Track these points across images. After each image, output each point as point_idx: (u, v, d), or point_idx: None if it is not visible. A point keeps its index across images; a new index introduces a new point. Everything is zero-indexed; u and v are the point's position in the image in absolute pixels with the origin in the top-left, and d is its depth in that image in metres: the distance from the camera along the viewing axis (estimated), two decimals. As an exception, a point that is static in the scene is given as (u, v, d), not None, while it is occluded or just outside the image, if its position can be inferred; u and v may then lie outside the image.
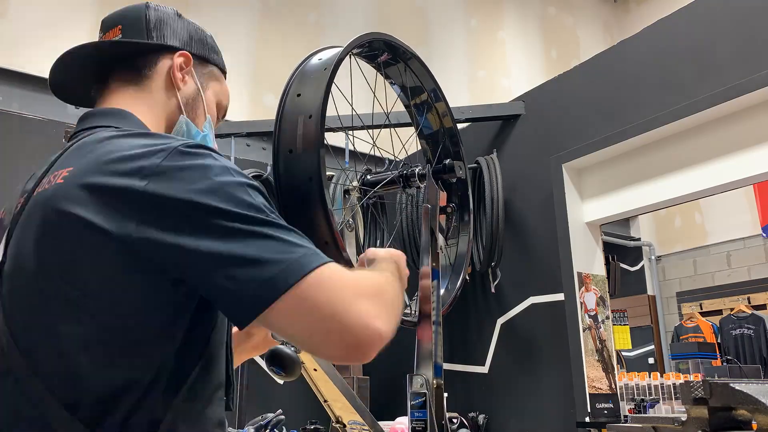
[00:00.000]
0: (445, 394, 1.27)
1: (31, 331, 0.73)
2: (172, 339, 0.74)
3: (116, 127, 0.85)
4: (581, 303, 2.79)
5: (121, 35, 0.95)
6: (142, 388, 0.71)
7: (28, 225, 0.77)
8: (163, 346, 0.73)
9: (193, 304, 0.75)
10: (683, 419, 1.37)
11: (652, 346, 5.68)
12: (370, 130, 1.57)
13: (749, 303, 5.46)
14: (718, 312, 5.65)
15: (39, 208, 0.76)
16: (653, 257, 6.26)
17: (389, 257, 1.02)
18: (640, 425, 1.62)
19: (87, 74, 0.97)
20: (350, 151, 3.28)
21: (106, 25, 0.98)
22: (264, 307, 0.67)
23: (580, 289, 2.81)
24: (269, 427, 2.76)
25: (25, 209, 0.79)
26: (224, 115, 1.08)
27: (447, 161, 1.43)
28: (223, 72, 1.06)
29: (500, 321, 3.15)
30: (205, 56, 1.02)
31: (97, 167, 0.74)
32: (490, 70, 5.81)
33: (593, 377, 2.70)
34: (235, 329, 0.91)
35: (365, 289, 0.74)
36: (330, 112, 1.29)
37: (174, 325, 0.74)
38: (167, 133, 0.94)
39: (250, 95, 4.39)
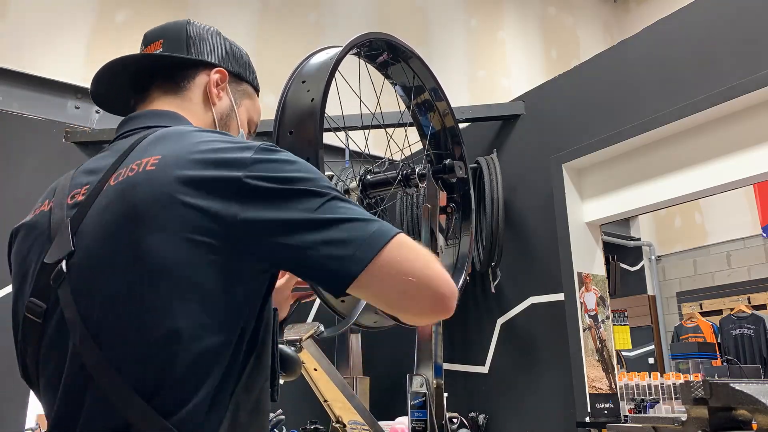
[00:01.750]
0: (445, 394, 1.27)
1: (113, 324, 0.73)
2: (242, 330, 0.77)
3: (188, 124, 0.92)
4: (581, 303, 2.79)
5: (162, 49, 0.99)
6: (216, 379, 0.73)
7: (113, 215, 0.76)
8: (234, 337, 0.76)
9: (264, 295, 0.80)
10: (683, 419, 1.37)
11: (652, 346, 5.68)
12: (367, 130, 1.57)
13: (749, 303, 5.46)
14: (718, 312, 5.65)
15: (126, 194, 0.76)
16: (653, 257, 6.26)
17: None
18: (640, 425, 1.62)
19: (128, 85, 1.01)
20: (350, 151, 3.28)
21: (148, 39, 1.03)
22: (360, 270, 0.73)
23: (580, 289, 2.81)
24: (269, 427, 2.76)
25: (97, 200, 0.79)
26: (255, 131, 1.12)
27: (447, 161, 1.44)
28: (257, 90, 1.11)
29: (500, 321, 3.15)
30: (241, 74, 1.06)
31: (191, 159, 0.77)
32: (490, 70, 5.81)
33: (593, 377, 2.70)
34: None
35: (431, 256, 0.80)
36: (329, 112, 1.29)
37: (248, 316, 0.78)
38: None
39: (250, 95, 4.38)
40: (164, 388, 0.71)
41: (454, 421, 2.95)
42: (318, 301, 1.69)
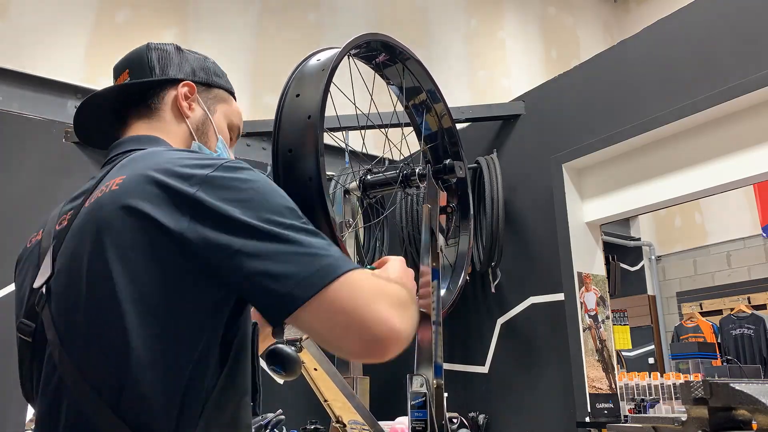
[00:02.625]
0: (445, 394, 1.27)
1: (82, 341, 0.76)
2: (206, 346, 0.77)
3: (159, 146, 0.94)
4: (581, 303, 2.79)
5: (129, 78, 1.03)
6: (179, 395, 0.74)
7: (82, 234, 0.80)
8: (194, 353, 0.76)
9: (228, 311, 0.79)
10: (683, 419, 1.37)
11: (652, 346, 5.68)
12: (363, 131, 1.57)
13: (749, 303, 5.46)
14: (718, 312, 5.65)
15: (93, 214, 0.80)
16: (653, 257, 6.26)
17: (401, 267, 1.08)
18: (640, 425, 1.62)
19: (106, 117, 1.05)
20: (350, 151, 3.28)
21: (116, 71, 1.07)
22: (294, 308, 0.72)
23: (580, 289, 2.81)
24: (269, 427, 2.76)
25: (74, 223, 0.83)
26: (239, 134, 1.14)
27: (447, 161, 1.43)
28: (231, 93, 1.13)
29: (500, 321, 3.15)
30: (208, 81, 1.08)
31: (150, 175, 0.79)
32: (490, 70, 5.81)
33: (593, 377, 2.70)
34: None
35: (387, 292, 0.78)
36: (330, 112, 1.29)
37: (210, 330, 0.78)
38: None
39: (250, 95, 4.39)
40: (132, 404, 0.73)
41: (454, 421, 2.95)
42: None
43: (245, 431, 0.82)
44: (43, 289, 0.82)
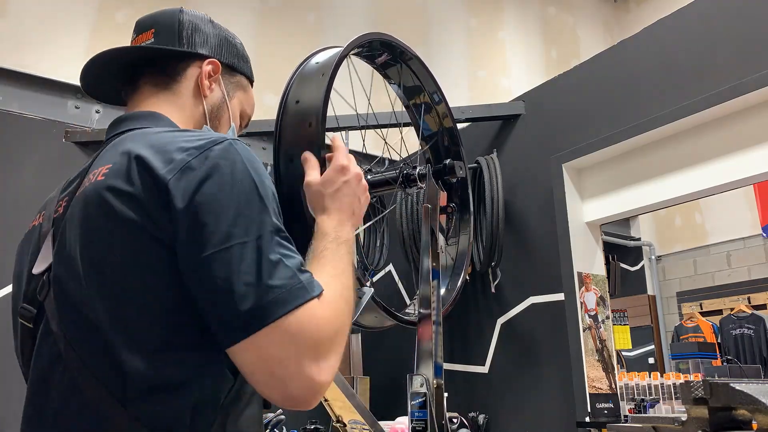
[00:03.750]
0: (445, 394, 1.27)
1: (82, 330, 0.74)
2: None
3: (153, 126, 0.88)
4: (581, 303, 2.79)
5: (153, 39, 0.96)
6: (196, 387, 0.72)
7: (72, 223, 0.78)
8: (212, 346, 0.73)
9: None
10: (683, 419, 1.37)
11: (652, 346, 5.68)
12: (369, 130, 1.57)
13: (749, 303, 5.46)
14: (718, 312, 5.65)
15: (81, 203, 0.77)
16: (653, 257, 6.26)
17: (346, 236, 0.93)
18: (640, 425, 1.62)
19: (117, 76, 0.98)
20: (350, 151, 3.28)
21: (140, 27, 0.99)
22: (246, 335, 0.69)
23: (580, 289, 2.81)
24: (269, 427, 2.76)
25: (68, 212, 0.80)
26: (247, 124, 1.09)
27: (447, 161, 1.43)
28: (251, 81, 1.08)
29: (500, 321, 3.15)
30: (234, 65, 1.03)
31: (143, 145, 0.76)
32: (490, 70, 5.81)
33: (593, 377, 2.70)
34: None
35: (325, 339, 0.73)
36: (331, 112, 1.29)
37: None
38: None
39: (250, 95, 4.38)
40: (135, 397, 0.70)
41: (454, 421, 2.95)
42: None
43: (257, 425, 0.81)
44: (45, 277, 0.79)
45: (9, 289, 2.72)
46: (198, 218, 0.70)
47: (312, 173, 0.98)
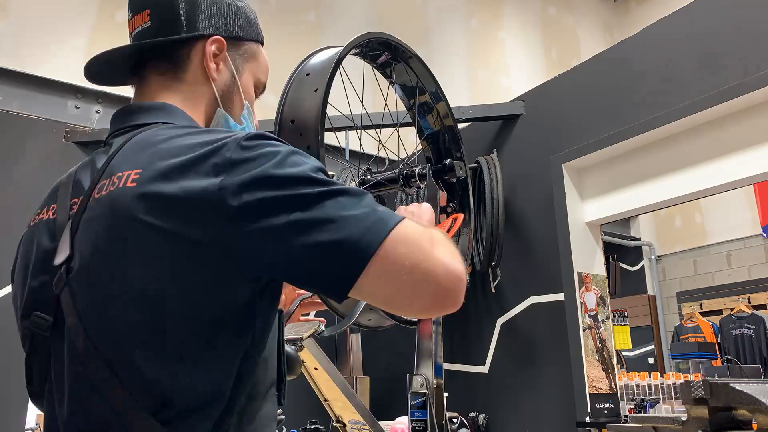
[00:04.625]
0: (445, 394, 1.27)
1: (111, 337, 0.71)
2: (245, 342, 0.73)
3: (171, 123, 0.83)
4: (581, 303, 2.79)
5: (149, 22, 0.89)
6: (225, 396, 0.71)
7: (98, 226, 0.73)
8: (238, 351, 0.72)
9: (263, 305, 0.75)
10: (683, 419, 1.37)
11: (652, 346, 5.68)
12: (368, 130, 1.57)
13: (749, 303, 5.46)
14: (718, 312, 5.65)
15: (109, 211, 0.73)
16: (653, 257, 6.26)
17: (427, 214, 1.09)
18: (640, 425, 1.62)
19: (121, 70, 0.94)
20: (350, 150, 3.28)
21: (134, 6, 0.93)
22: (357, 275, 0.68)
23: (580, 289, 2.81)
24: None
25: (86, 213, 0.76)
26: (263, 91, 1.02)
27: (447, 161, 1.43)
28: (261, 43, 0.98)
29: (500, 321, 3.15)
30: (240, 35, 0.93)
31: (165, 172, 0.71)
32: (490, 70, 5.81)
33: (593, 377, 2.70)
34: None
35: (438, 240, 0.74)
36: (332, 111, 1.29)
37: (247, 329, 0.74)
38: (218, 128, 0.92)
39: (250, 95, 4.38)
40: (166, 407, 0.69)
41: (454, 421, 2.95)
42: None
43: (272, 423, 0.79)
44: (63, 270, 0.74)
45: (9, 289, 2.72)
46: (264, 196, 0.70)
47: None
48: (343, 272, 0.69)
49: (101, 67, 0.92)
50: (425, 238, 0.72)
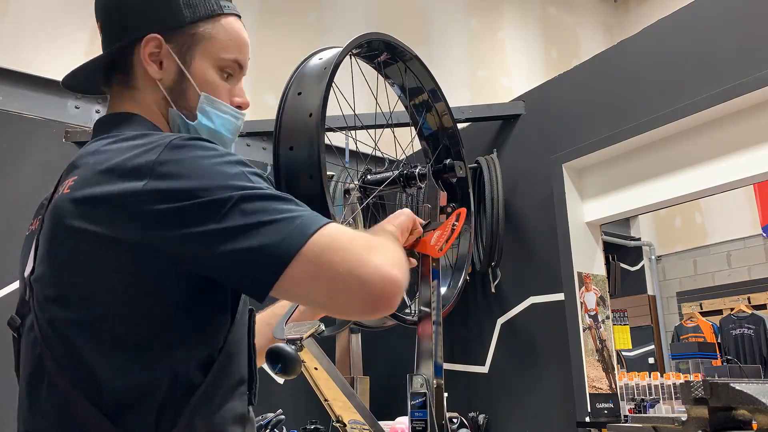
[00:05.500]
0: (445, 394, 1.27)
1: (56, 333, 0.75)
2: (189, 337, 0.76)
3: (116, 134, 0.83)
4: (581, 303, 2.79)
5: (101, 33, 0.93)
6: (162, 387, 0.73)
7: (44, 234, 0.79)
8: (181, 345, 0.75)
9: (209, 299, 0.77)
10: (683, 419, 1.37)
11: (652, 346, 5.68)
12: (370, 130, 1.57)
13: (749, 303, 5.46)
14: (718, 312, 5.65)
15: (49, 220, 0.78)
16: (653, 257, 6.26)
17: (392, 228, 1.06)
18: (640, 425, 1.62)
19: (94, 81, 0.96)
20: (350, 150, 3.28)
21: (96, 14, 0.95)
22: (277, 276, 0.69)
23: (580, 289, 2.81)
24: (269, 427, 2.76)
25: (44, 219, 0.81)
26: (242, 66, 0.96)
27: (447, 161, 1.43)
28: (215, 15, 0.89)
29: (500, 321, 3.15)
30: (180, 23, 0.87)
31: (94, 177, 0.74)
32: (490, 70, 5.81)
33: (593, 377, 2.70)
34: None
35: (372, 243, 0.75)
36: (332, 112, 1.29)
37: (188, 323, 0.76)
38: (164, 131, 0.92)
39: (250, 95, 4.37)
40: (106, 399, 0.72)
41: (454, 421, 2.95)
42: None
43: (237, 423, 0.79)
44: (27, 279, 0.80)
45: (9, 289, 2.73)
46: (184, 204, 0.72)
47: None
48: (262, 277, 0.69)
49: (73, 82, 0.95)
50: (358, 242, 0.72)
